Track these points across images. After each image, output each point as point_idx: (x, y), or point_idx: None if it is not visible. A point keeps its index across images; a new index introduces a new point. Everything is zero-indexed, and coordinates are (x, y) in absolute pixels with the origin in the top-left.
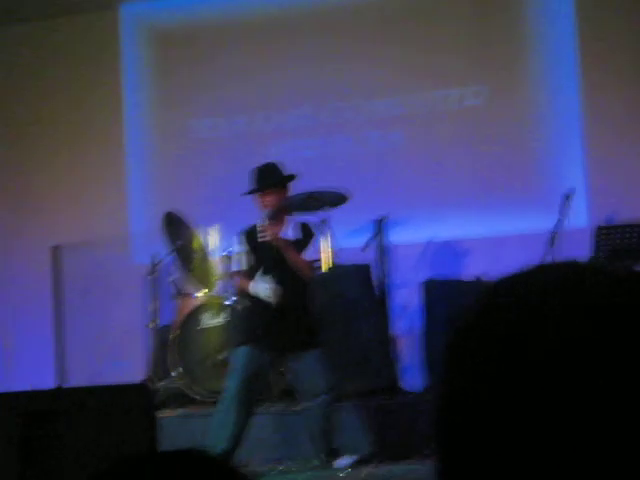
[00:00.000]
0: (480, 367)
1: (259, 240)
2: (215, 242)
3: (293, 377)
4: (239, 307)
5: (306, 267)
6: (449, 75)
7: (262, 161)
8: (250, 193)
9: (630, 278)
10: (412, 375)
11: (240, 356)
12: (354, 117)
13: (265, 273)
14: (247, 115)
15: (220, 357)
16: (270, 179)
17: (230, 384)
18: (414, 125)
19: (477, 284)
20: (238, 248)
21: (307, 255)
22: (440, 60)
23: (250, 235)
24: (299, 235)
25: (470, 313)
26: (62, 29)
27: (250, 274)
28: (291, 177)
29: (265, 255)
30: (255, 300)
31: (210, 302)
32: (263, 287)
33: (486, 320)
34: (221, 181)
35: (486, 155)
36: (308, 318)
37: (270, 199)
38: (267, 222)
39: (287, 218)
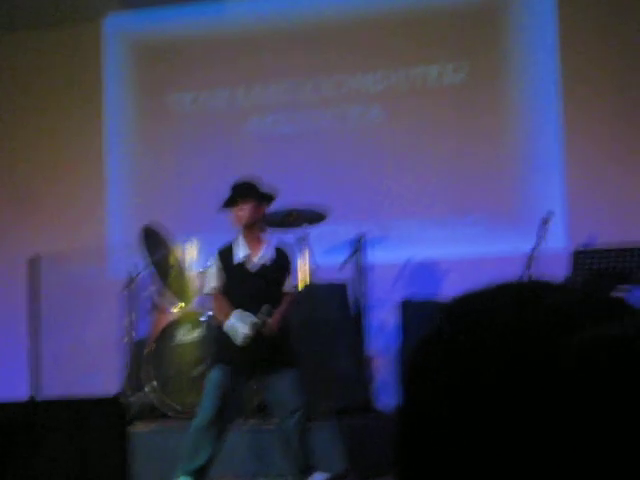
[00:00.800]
0: (433, 385)
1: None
2: (192, 257)
3: (268, 394)
4: (214, 324)
5: (292, 304)
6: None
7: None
8: (224, 207)
9: (586, 297)
10: (387, 394)
11: (214, 375)
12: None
13: (244, 304)
14: (235, 119)
15: (194, 372)
16: (242, 192)
17: (205, 403)
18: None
19: None
20: (212, 266)
21: (285, 286)
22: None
23: (225, 255)
24: (275, 261)
25: (427, 332)
26: (44, 41)
27: (225, 294)
28: (268, 195)
29: (243, 281)
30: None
31: (186, 317)
32: (241, 332)
33: (440, 338)
34: (200, 197)
35: (465, 176)
36: (284, 338)
37: (242, 213)
38: (264, 318)
39: (262, 237)
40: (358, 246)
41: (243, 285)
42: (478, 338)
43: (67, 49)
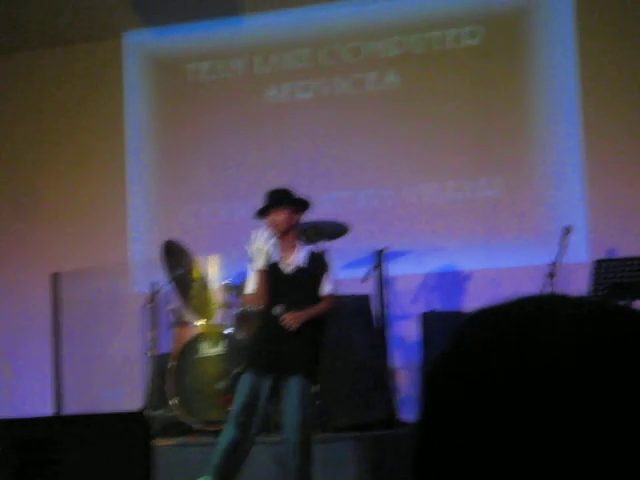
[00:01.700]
0: (450, 398)
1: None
2: (214, 271)
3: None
4: (238, 337)
5: (326, 308)
6: (444, 118)
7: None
8: (259, 215)
9: (602, 313)
10: (410, 407)
11: (241, 383)
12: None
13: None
14: (254, 142)
15: (217, 387)
16: (278, 199)
17: (232, 409)
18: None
19: None
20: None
21: (328, 287)
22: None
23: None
24: (311, 264)
25: (446, 345)
26: (65, 57)
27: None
28: (302, 202)
29: (278, 283)
30: (261, 323)
31: (209, 331)
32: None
33: (457, 352)
34: (222, 213)
35: (488, 189)
36: (308, 344)
37: (278, 219)
38: (282, 311)
39: (297, 243)
40: (380, 258)
41: (277, 287)
42: (493, 353)
43: (88, 66)
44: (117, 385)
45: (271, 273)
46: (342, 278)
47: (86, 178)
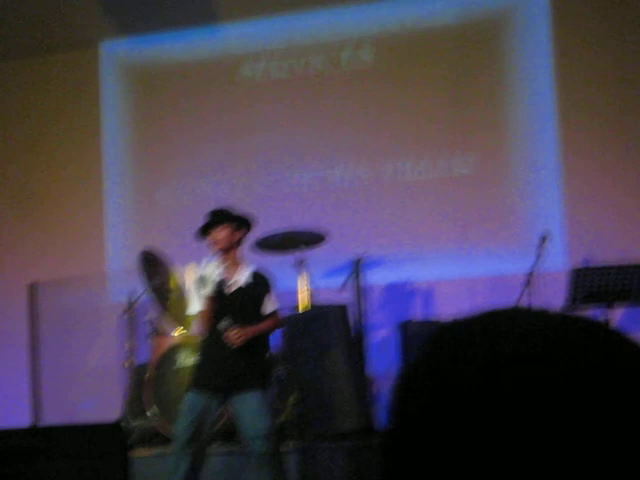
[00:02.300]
0: (417, 410)
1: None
2: (191, 281)
3: (236, 419)
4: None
5: (275, 325)
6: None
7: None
8: (199, 234)
9: (563, 323)
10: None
11: (185, 402)
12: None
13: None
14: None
15: None
16: (218, 217)
17: (175, 429)
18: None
19: None
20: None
21: (270, 307)
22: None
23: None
24: (252, 284)
25: (417, 355)
26: (42, 67)
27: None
28: (243, 219)
29: (219, 303)
30: (205, 343)
31: (186, 342)
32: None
33: (430, 363)
34: (198, 220)
35: (464, 196)
36: (256, 359)
37: (216, 237)
38: (228, 325)
39: (241, 262)
40: (357, 267)
41: (219, 307)
42: (457, 366)
43: (64, 75)
44: (95, 395)
45: (214, 293)
46: (319, 287)
47: (63, 188)
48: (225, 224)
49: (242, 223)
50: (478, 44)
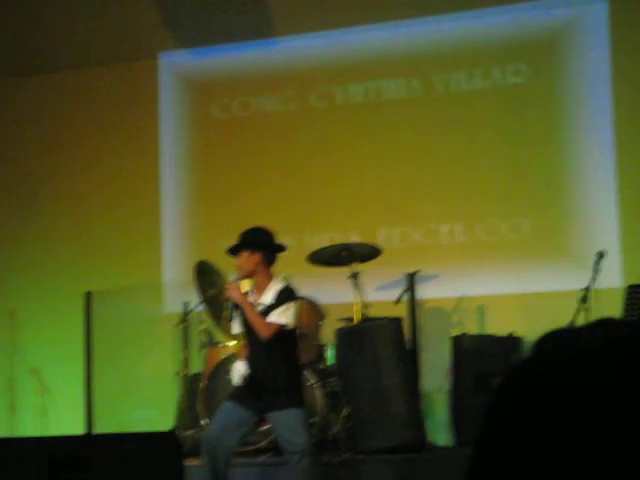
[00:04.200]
0: (520, 415)
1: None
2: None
3: (275, 435)
4: None
5: (261, 326)
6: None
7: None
8: (228, 254)
9: None
10: (441, 431)
11: (221, 409)
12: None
13: (249, 345)
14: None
15: None
16: (239, 242)
17: (206, 434)
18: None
19: (508, 340)
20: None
21: (273, 317)
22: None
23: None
24: (277, 301)
25: (515, 366)
26: (102, 77)
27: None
28: (257, 242)
29: (239, 314)
30: (246, 362)
31: (240, 352)
32: (237, 373)
33: (531, 371)
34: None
35: (520, 212)
36: (280, 379)
37: (237, 264)
38: (236, 279)
39: (269, 281)
40: (411, 281)
41: (247, 326)
42: (569, 376)
43: (124, 85)
44: (148, 405)
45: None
46: (374, 300)
47: (121, 198)
48: (242, 250)
49: (258, 246)
50: (534, 59)
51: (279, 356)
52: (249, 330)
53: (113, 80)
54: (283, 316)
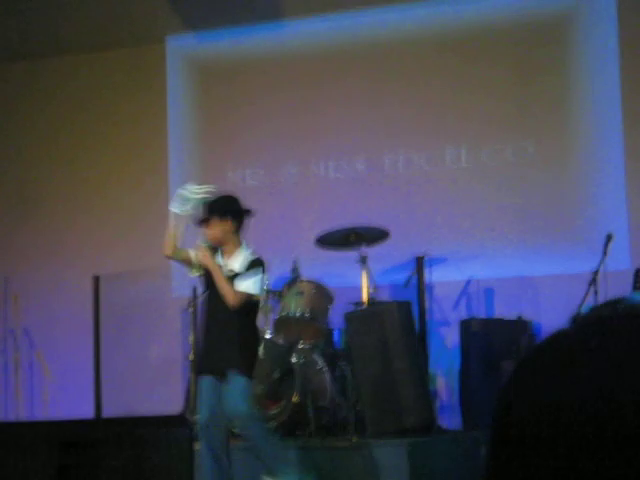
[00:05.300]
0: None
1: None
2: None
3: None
4: (277, 341)
5: (230, 294)
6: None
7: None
8: (198, 225)
9: None
10: (450, 414)
11: (198, 391)
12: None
13: (210, 310)
14: (293, 163)
15: (257, 391)
16: (208, 210)
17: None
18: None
19: (517, 323)
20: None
21: (242, 286)
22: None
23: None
24: (244, 269)
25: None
26: (109, 61)
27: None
28: (231, 211)
29: (213, 288)
30: (202, 329)
31: None
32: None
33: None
34: (264, 213)
35: (528, 194)
36: (235, 347)
37: (207, 232)
38: (204, 244)
39: (238, 249)
40: (420, 264)
41: (212, 293)
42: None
43: (131, 69)
44: (156, 389)
45: (211, 276)
46: (382, 284)
47: (129, 182)
48: (211, 218)
49: (227, 213)
50: (542, 42)
51: (239, 325)
52: (212, 295)
53: (120, 64)
54: (251, 285)
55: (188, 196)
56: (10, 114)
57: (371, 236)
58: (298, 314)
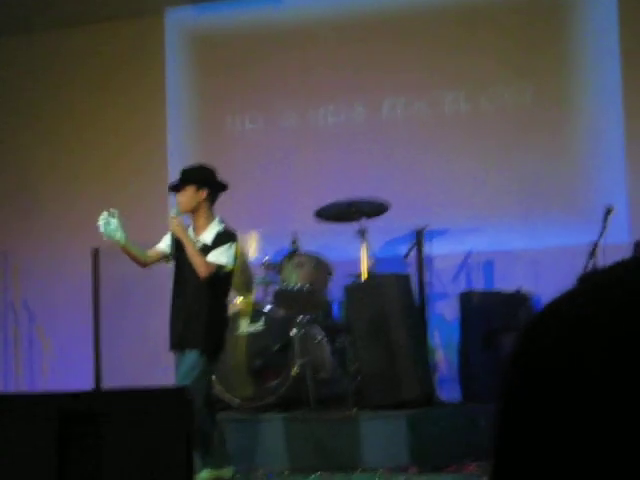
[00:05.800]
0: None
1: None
2: (254, 248)
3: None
4: (276, 314)
5: (201, 265)
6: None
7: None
8: (170, 191)
9: None
10: (449, 386)
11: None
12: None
13: (180, 282)
14: (292, 112)
15: (255, 364)
16: (182, 178)
17: None
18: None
19: (516, 296)
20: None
21: (212, 257)
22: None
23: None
24: (215, 243)
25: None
26: (107, 34)
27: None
28: (208, 181)
29: (183, 262)
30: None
31: (247, 309)
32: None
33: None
34: (261, 190)
35: (528, 167)
36: (201, 319)
37: (179, 199)
38: (175, 213)
39: (209, 221)
40: (420, 237)
41: (181, 265)
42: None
43: (129, 42)
44: (157, 361)
45: (181, 248)
46: (381, 257)
47: (127, 154)
48: (187, 186)
49: (205, 183)
50: (543, 18)
51: (208, 296)
52: (181, 266)
53: (118, 36)
54: (223, 256)
55: (111, 220)
56: (6, 88)
57: (371, 209)
58: (297, 287)
